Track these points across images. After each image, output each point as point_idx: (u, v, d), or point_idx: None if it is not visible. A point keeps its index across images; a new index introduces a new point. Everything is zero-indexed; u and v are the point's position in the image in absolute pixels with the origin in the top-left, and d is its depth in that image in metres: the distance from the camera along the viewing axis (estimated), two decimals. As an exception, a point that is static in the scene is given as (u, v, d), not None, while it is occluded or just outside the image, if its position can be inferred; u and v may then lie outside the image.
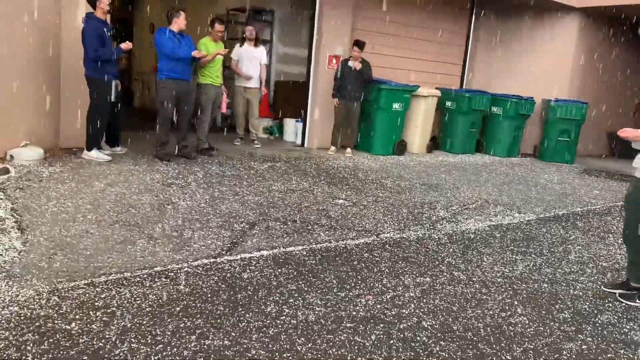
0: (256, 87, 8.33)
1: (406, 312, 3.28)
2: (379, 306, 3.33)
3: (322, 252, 4.22)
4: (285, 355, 2.65)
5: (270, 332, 2.88)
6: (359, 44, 8.05)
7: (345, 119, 8.34)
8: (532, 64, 10.71)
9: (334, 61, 8.60)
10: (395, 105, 8.64)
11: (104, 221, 4.40)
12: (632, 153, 3.77)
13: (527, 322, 3.31)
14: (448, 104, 9.88)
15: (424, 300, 3.49)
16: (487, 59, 11.18)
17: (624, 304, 3.72)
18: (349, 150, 8.49)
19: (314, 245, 4.36)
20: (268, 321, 2.99)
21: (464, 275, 4.03)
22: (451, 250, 4.63)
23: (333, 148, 8.49)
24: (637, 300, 3.70)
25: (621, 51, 11.41)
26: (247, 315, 3.04)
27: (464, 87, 10.95)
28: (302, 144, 8.89)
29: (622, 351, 3.03)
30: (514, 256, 4.61)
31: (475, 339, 3.03)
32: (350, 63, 8.10)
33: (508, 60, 10.99)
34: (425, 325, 3.13)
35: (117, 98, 6.34)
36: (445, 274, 4.04)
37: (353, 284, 3.63)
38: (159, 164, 6.55)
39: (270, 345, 2.73)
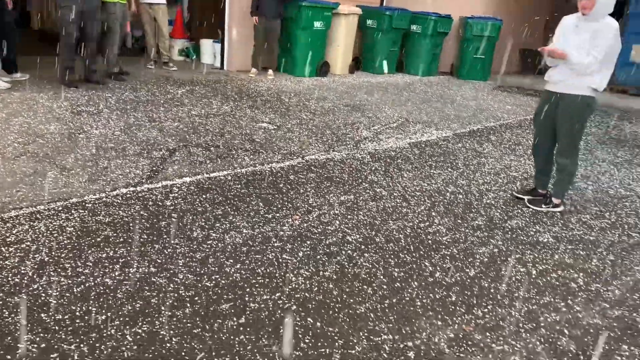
0: (163, 3, 7.77)
1: (331, 229, 3.37)
2: (305, 225, 3.40)
3: (247, 177, 4.19)
4: (213, 277, 2.66)
5: (198, 256, 2.87)
6: None
7: (265, 39, 8.06)
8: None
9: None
10: (317, 24, 8.44)
11: (9, 153, 4.08)
12: (543, 70, 3.93)
13: (444, 230, 3.51)
14: (369, 22, 9.77)
15: (348, 217, 3.59)
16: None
17: (531, 209, 4.03)
18: (270, 72, 8.29)
19: (239, 170, 4.31)
20: (194, 246, 2.98)
21: (386, 192, 4.17)
22: (373, 168, 4.74)
23: (254, 70, 8.24)
24: (543, 206, 4.01)
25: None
26: (172, 242, 3.00)
27: (384, 4, 10.83)
28: (222, 67, 8.55)
29: (528, 252, 3.30)
30: (432, 171, 4.81)
31: (396, 249, 3.18)
32: None
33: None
34: (350, 240, 3.24)
35: (9, 18, 5.70)
36: (368, 191, 4.15)
37: (280, 206, 3.66)
38: (65, 90, 6.09)
39: (198, 269, 2.73)
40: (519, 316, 2.56)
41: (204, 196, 3.70)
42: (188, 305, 2.42)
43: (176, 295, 2.49)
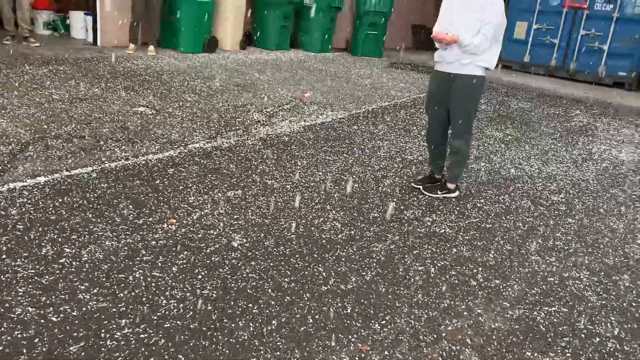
0: None
1: (214, 234, 2.96)
2: (183, 230, 2.95)
3: (116, 173, 3.63)
4: (62, 309, 2.16)
5: (44, 281, 2.34)
6: None
7: (144, 10, 7.29)
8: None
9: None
10: (202, -4, 7.78)
11: None
12: (434, 46, 3.74)
13: (339, 226, 3.23)
14: (260, -5, 9.25)
15: (235, 217, 3.20)
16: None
17: (427, 196, 3.87)
18: (151, 47, 7.52)
19: (107, 165, 3.73)
20: (42, 267, 2.43)
21: (278, 184, 3.81)
22: (265, 156, 4.36)
23: (132, 46, 7.44)
24: (438, 192, 3.87)
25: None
26: (13, 263, 2.43)
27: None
28: (95, 42, 7.62)
29: (426, 246, 3.12)
30: (327, 157, 4.53)
31: (287, 252, 2.85)
32: None
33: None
34: (235, 246, 2.85)
35: None
36: (258, 183, 3.77)
37: (153, 208, 3.17)
38: None
39: (43, 299, 2.21)
40: (419, 326, 2.34)
41: (60, 200, 3.12)
42: (24, 351, 1.91)
43: (10, 338, 1.98)
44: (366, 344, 2.18)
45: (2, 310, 2.12)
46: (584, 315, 2.58)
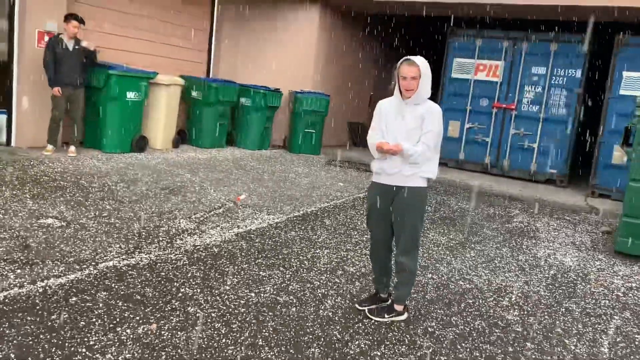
0: None
1: (115, 392, 2.37)
2: (74, 389, 2.35)
3: (3, 307, 2.99)
4: None
5: None
6: (77, 18, 6.64)
7: (66, 110, 6.84)
8: (278, 55, 10.56)
9: (46, 39, 6.93)
10: (130, 95, 7.45)
11: None
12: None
13: (272, 371, 2.71)
14: (194, 94, 9.05)
15: (144, 364, 2.62)
16: (234, 47, 10.67)
17: (374, 321, 3.44)
18: (72, 148, 6.98)
19: (-8, 296, 3.09)
20: None
21: (202, 312, 3.28)
22: (190, 274, 3.84)
23: (50, 147, 6.87)
24: (386, 316, 3.46)
25: (358, 45, 12.10)
26: None
27: (210, 76, 10.24)
28: (8, 142, 7.00)
29: (375, 391, 2.64)
30: (261, 272, 4.05)
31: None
32: (66, 40, 6.66)
33: (255, 50, 10.65)
34: (140, 410, 2.26)
35: None
36: (178, 312, 3.23)
37: (42, 356, 2.55)
38: None
39: None
40: None
41: None
42: None
43: None
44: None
45: None
46: None
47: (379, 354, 3.03)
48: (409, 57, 3.28)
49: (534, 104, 9.95)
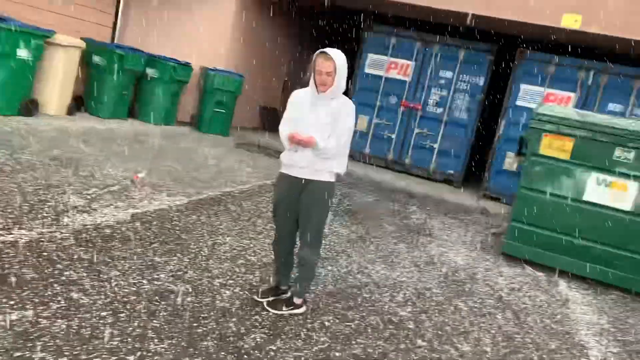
0: None
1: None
2: None
3: None
4: None
5: None
6: None
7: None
8: (192, 28, 10.07)
9: None
10: (22, 52, 6.73)
11: None
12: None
13: (161, 366, 2.56)
14: (96, 59, 8.38)
15: (15, 355, 2.36)
16: (144, 13, 10.03)
17: (271, 314, 3.38)
18: (-53, 105, 6.20)
19: None
20: None
21: (87, 298, 3.03)
22: (76, 257, 3.54)
23: None
24: (285, 308, 3.41)
25: (277, 30, 11.89)
26: None
27: (115, 41, 9.56)
28: None
29: (267, 388, 2.59)
30: (156, 258, 3.84)
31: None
32: None
33: (167, 19, 10.07)
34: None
35: None
36: (59, 298, 2.96)
37: None
38: None
39: None
40: None
41: None
42: None
43: None
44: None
45: None
46: None
47: (274, 348, 2.98)
48: (325, 50, 3.21)
49: (439, 106, 10.36)
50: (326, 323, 3.44)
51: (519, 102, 9.46)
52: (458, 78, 10.22)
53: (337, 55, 3.20)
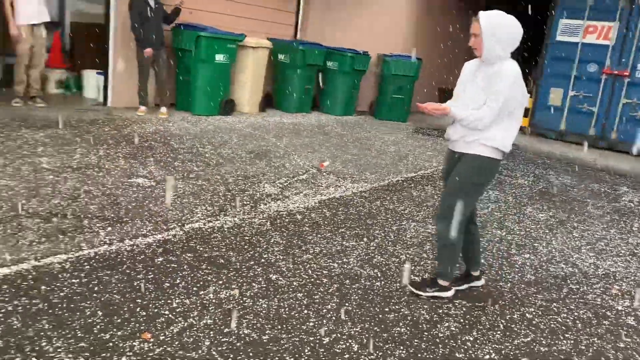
0: (46, 20, 6.53)
1: (195, 358, 2.33)
2: (157, 350, 2.33)
3: (94, 262, 3.05)
4: None
5: None
6: None
7: (155, 71, 6.98)
8: (368, 17, 10.15)
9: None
10: (219, 57, 7.45)
11: None
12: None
13: (355, 349, 2.56)
14: (281, 57, 8.94)
15: (225, 331, 2.56)
16: (322, 9, 10.37)
17: (463, 304, 3.18)
18: (163, 109, 7.13)
19: (85, 252, 3.17)
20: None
21: (283, 279, 3.19)
22: (272, 240, 3.76)
23: (143, 108, 7.05)
24: (427, 290, 3.17)
25: (453, 7, 11.39)
26: None
27: (297, 38, 10.06)
28: (105, 103, 7.29)
29: (466, 381, 2.42)
30: (344, 242, 3.90)
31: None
32: (150, 0, 6.73)
33: (343, 12, 10.29)
34: (220, 379, 2.20)
35: None
36: (259, 279, 3.15)
37: (127, 316, 2.56)
38: None
39: None
40: None
41: (15, 302, 2.54)
42: None
43: None
44: None
45: None
46: None
47: (470, 339, 2.79)
48: (480, 12, 2.92)
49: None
50: (527, 315, 3.12)
51: None
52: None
53: (485, 16, 2.88)
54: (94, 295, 2.72)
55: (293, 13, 9.84)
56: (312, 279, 3.25)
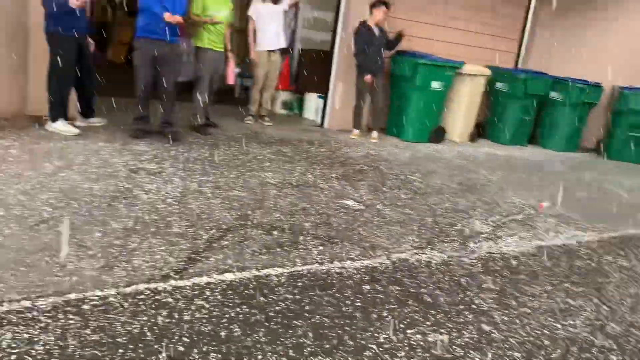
0: (281, 46, 7.20)
1: (402, 406, 2.17)
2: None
3: (306, 280, 3.13)
4: None
5: None
6: (387, 4, 6.83)
7: (371, 97, 7.15)
8: (602, 44, 9.05)
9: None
10: (435, 84, 7.34)
11: (31, 218, 3.43)
12: None
13: None
14: (499, 85, 8.47)
15: (433, 381, 2.36)
16: (549, 35, 9.59)
17: None
18: (375, 134, 7.27)
19: (299, 268, 3.27)
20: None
21: (498, 333, 2.87)
22: (484, 285, 3.45)
23: (356, 131, 7.28)
24: None
25: None
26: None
27: (519, 66, 9.45)
28: (321, 124, 7.71)
29: None
30: (569, 300, 3.39)
31: None
32: (374, 27, 6.91)
33: (572, 39, 9.36)
34: None
35: (88, 58, 5.31)
36: (470, 327, 2.88)
37: (336, 342, 2.54)
38: (136, 142, 5.54)
39: None
40: None
41: (237, 310, 2.70)
42: None
43: None
44: None
45: None
46: None
47: None
48: None
49: None
50: None
51: None
52: None
53: None
54: (305, 314, 2.75)
55: (515, 40, 9.29)
56: (532, 338, 2.86)
